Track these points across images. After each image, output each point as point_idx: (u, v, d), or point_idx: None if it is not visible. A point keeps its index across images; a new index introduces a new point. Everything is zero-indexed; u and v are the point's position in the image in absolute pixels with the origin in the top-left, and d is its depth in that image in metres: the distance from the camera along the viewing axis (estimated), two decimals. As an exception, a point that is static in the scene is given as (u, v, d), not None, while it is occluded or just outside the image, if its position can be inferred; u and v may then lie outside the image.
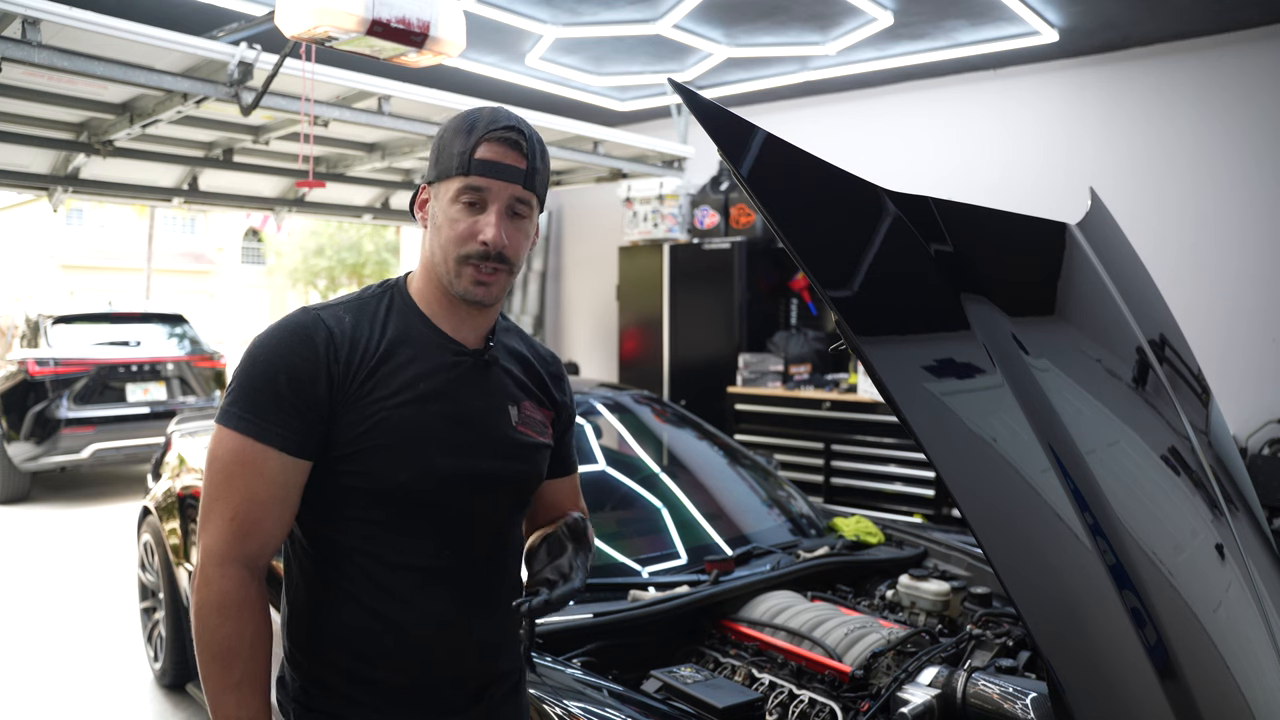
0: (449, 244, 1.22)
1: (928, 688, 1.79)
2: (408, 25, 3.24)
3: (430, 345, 1.27)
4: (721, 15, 4.93)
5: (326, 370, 1.18)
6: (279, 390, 1.17)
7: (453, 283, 1.24)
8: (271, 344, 1.20)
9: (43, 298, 19.53)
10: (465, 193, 1.21)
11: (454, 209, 1.22)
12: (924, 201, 1.42)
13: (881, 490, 5.20)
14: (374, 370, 1.21)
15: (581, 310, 8.02)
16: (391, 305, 1.29)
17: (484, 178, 1.21)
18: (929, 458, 1.16)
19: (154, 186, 6.24)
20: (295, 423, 1.17)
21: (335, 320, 1.23)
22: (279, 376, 1.17)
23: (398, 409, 1.21)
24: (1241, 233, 4.97)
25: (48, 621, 4.50)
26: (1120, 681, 1.21)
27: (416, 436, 1.21)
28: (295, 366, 1.17)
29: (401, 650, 1.24)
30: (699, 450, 3.38)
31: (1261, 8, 4.60)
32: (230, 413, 1.18)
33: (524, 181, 1.23)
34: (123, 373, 7.35)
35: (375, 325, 1.25)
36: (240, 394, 1.18)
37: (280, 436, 1.16)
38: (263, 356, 1.19)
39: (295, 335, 1.20)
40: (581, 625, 2.02)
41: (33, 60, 3.45)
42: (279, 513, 1.19)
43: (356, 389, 1.20)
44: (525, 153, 1.23)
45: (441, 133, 1.26)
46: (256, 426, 1.16)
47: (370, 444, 1.19)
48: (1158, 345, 1.77)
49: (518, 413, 1.32)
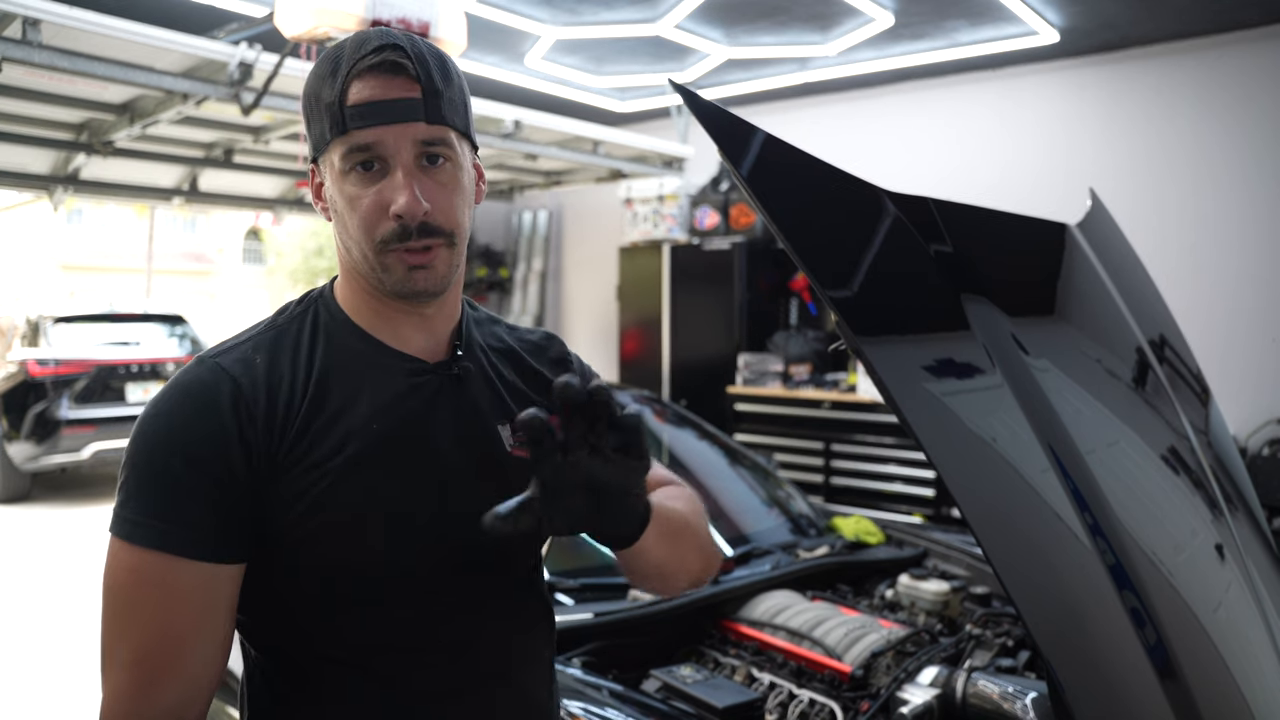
0: (358, 232, 0.91)
1: (928, 688, 1.80)
2: (408, 25, 3.25)
3: (375, 369, 0.95)
4: (721, 16, 4.93)
5: (240, 437, 0.87)
6: (177, 477, 0.86)
7: (382, 280, 0.92)
8: (162, 415, 0.88)
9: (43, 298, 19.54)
10: (351, 155, 0.89)
11: (347, 183, 0.90)
12: (924, 202, 1.42)
13: (881, 490, 5.20)
14: (307, 422, 0.90)
15: (581, 310, 8.02)
16: (316, 326, 0.97)
17: (367, 128, 0.87)
18: (929, 458, 1.16)
19: (154, 187, 6.25)
20: (208, 518, 0.86)
21: (242, 367, 0.91)
22: (173, 460, 0.86)
23: (348, 469, 0.89)
24: (1241, 233, 4.97)
25: (48, 621, 4.50)
26: (1120, 681, 1.21)
27: (380, 502, 0.90)
28: (194, 442, 0.86)
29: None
30: (699, 450, 3.38)
31: (1261, 8, 4.60)
32: (121, 518, 0.86)
33: (425, 115, 0.89)
34: (123, 373, 7.35)
35: (299, 360, 0.93)
36: (131, 490, 0.86)
37: (192, 541, 0.85)
38: (151, 434, 0.88)
39: (189, 400, 0.88)
40: (581, 625, 2.02)
41: (33, 60, 3.45)
42: (205, 644, 0.86)
43: (286, 453, 0.88)
44: (415, 74, 0.89)
45: (306, 88, 0.93)
46: (159, 534, 0.85)
47: (319, 523, 0.88)
48: (1158, 345, 1.77)
49: (513, 432, 0.98)
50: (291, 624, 0.94)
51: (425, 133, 0.89)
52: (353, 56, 0.89)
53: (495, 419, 1.00)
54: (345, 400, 0.92)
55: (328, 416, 0.91)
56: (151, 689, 0.85)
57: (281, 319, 0.99)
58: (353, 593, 0.91)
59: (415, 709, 0.94)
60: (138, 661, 0.85)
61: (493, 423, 1.00)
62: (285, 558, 0.90)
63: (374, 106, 0.87)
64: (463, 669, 0.96)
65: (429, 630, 0.94)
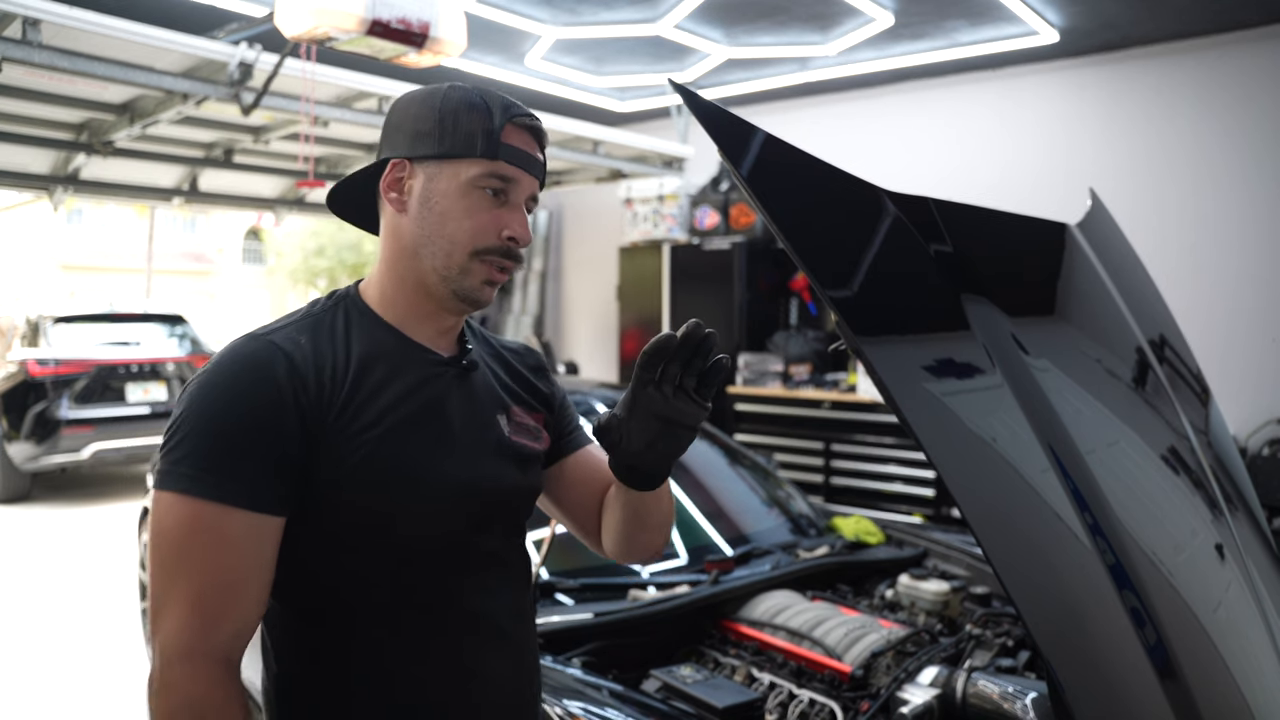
0: (460, 234, 1.05)
1: (928, 688, 1.80)
2: (408, 25, 3.25)
3: (404, 359, 1.08)
4: (721, 15, 4.93)
5: (295, 405, 0.98)
6: (237, 438, 0.96)
7: (452, 279, 1.06)
8: (220, 383, 0.99)
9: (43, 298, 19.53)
10: (490, 180, 1.05)
11: (472, 196, 1.05)
12: (924, 202, 1.42)
13: (881, 490, 5.20)
14: (350, 397, 1.02)
15: (581, 310, 8.02)
16: (349, 319, 1.09)
17: (514, 166, 1.06)
18: (929, 458, 1.16)
19: (154, 186, 6.25)
20: (261, 474, 0.96)
21: (292, 344, 1.02)
22: (235, 422, 0.96)
23: (385, 437, 1.02)
24: (1241, 233, 4.97)
25: (48, 621, 4.50)
26: (1120, 681, 1.21)
27: (410, 467, 1.03)
28: (254, 406, 0.97)
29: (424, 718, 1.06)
30: (699, 450, 3.38)
31: (1261, 8, 4.60)
32: (176, 474, 0.95)
33: (541, 177, 1.11)
34: (123, 373, 7.35)
35: (337, 345, 1.06)
36: (188, 449, 0.96)
37: (245, 494, 0.95)
38: (210, 398, 0.98)
39: (248, 369, 0.99)
40: (581, 625, 2.02)
41: (33, 60, 3.45)
42: (254, 587, 0.97)
43: (333, 422, 1.00)
44: (543, 145, 1.11)
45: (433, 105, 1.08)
46: (214, 486, 0.94)
47: (358, 484, 1.01)
48: (1158, 345, 1.77)
49: (508, 422, 1.16)
50: (323, 578, 1.04)
51: (535, 190, 1.11)
52: (509, 108, 1.08)
53: (494, 410, 1.15)
54: (380, 382, 1.05)
55: (366, 394, 1.04)
56: (211, 627, 0.94)
57: (316, 310, 1.11)
58: (379, 546, 1.03)
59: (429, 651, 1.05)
60: (197, 602, 0.94)
61: (493, 411, 1.15)
62: (324, 514, 1.01)
63: (523, 155, 1.07)
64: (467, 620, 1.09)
65: (442, 583, 1.07)
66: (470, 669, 1.08)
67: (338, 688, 1.05)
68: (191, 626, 0.94)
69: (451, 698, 1.07)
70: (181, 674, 0.93)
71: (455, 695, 1.07)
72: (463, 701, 1.08)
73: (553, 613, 2.07)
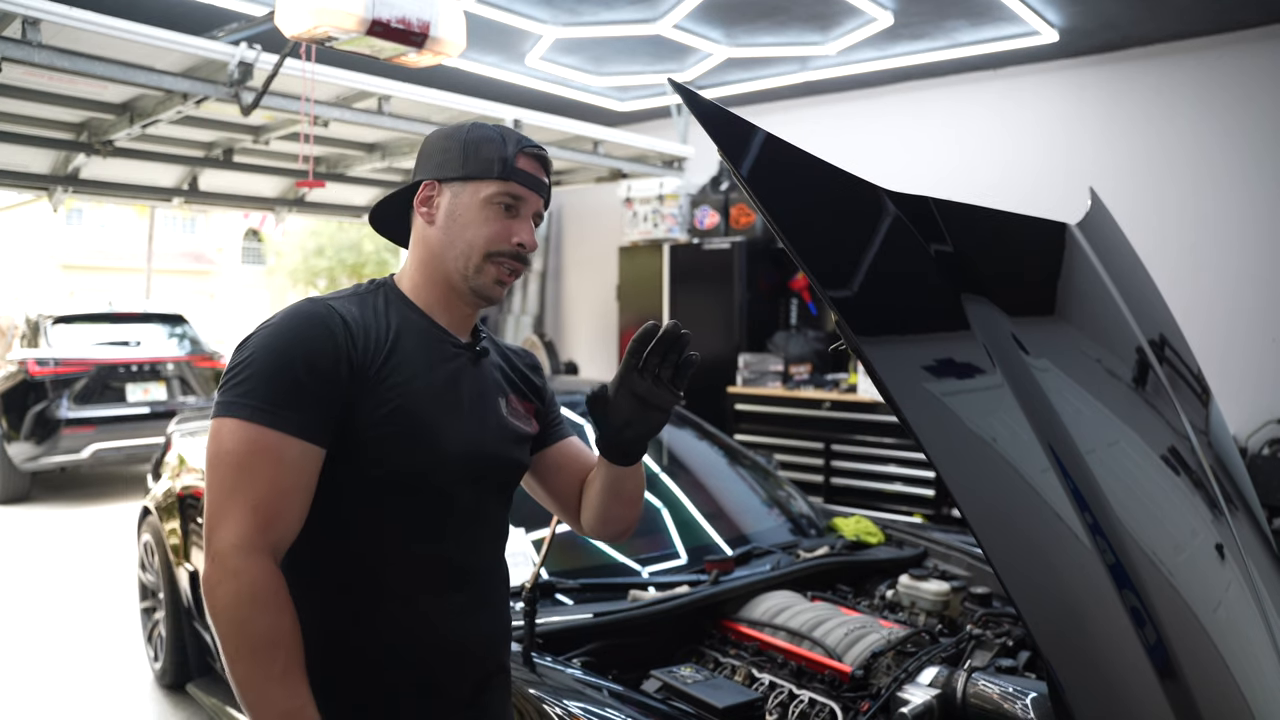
0: (478, 240, 1.28)
1: (928, 688, 1.80)
2: (408, 25, 3.24)
3: (430, 338, 1.30)
4: (721, 15, 4.93)
5: (347, 356, 1.19)
6: (297, 377, 1.15)
7: (470, 278, 1.29)
8: (286, 332, 1.19)
9: (43, 298, 19.53)
10: (503, 197, 1.28)
11: (489, 210, 1.28)
12: (924, 201, 1.42)
13: (881, 490, 5.20)
14: (388, 358, 1.23)
15: (581, 310, 8.02)
16: (388, 300, 1.31)
17: (523, 187, 1.30)
18: (929, 458, 1.16)
19: (154, 186, 6.25)
20: (313, 409, 1.16)
21: (344, 308, 1.24)
22: (296, 364, 1.16)
23: (410, 395, 1.23)
24: (1241, 233, 4.97)
25: (48, 621, 4.51)
26: (1120, 681, 1.21)
27: (430, 423, 1.23)
28: (314, 353, 1.17)
29: (412, 650, 1.24)
30: (699, 450, 3.38)
31: (1261, 8, 4.60)
32: (240, 404, 1.15)
33: (547, 197, 1.34)
34: (123, 373, 7.35)
35: (379, 317, 1.27)
36: (253, 383, 1.15)
37: (299, 423, 1.15)
38: (277, 344, 1.18)
39: (311, 322, 1.20)
40: (581, 625, 2.02)
41: (33, 60, 3.45)
42: (299, 503, 1.16)
43: (374, 374, 1.21)
44: (549, 172, 1.35)
45: (458, 137, 1.31)
46: (272, 415, 1.14)
47: (387, 430, 1.20)
48: (1158, 345, 1.77)
49: (506, 405, 1.37)
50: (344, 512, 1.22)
51: (540, 207, 1.34)
52: (520, 140, 1.31)
53: (496, 392, 1.37)
54: (411, 351, 1.27)
55: (399, 359, 1.25)
56: (267, 527, 1.13)
57: (361, 290, 1.33)
58: (395, 489, 1.23)
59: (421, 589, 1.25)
60: (256, 508, 1.12)
61: (495, 394, 1.37)
62: (355, 451, 1.20)
63: (531, 177, 1.31)
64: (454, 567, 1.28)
65: (440, 527, 1.27)
66: (452, 612, 1.27)
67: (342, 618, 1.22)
68: (254, 525, 1.11)
69: (438, 636, 1.25)
70: (246, 563, 1.10)
71: (441, 634, 1.26)
72: (446, 640, 1.26)
73: (553, 613, 2.07)
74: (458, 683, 1.28)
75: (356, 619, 1.23)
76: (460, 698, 1.29)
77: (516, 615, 1.80)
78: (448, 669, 1.27)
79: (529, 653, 1.81)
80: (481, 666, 1.32)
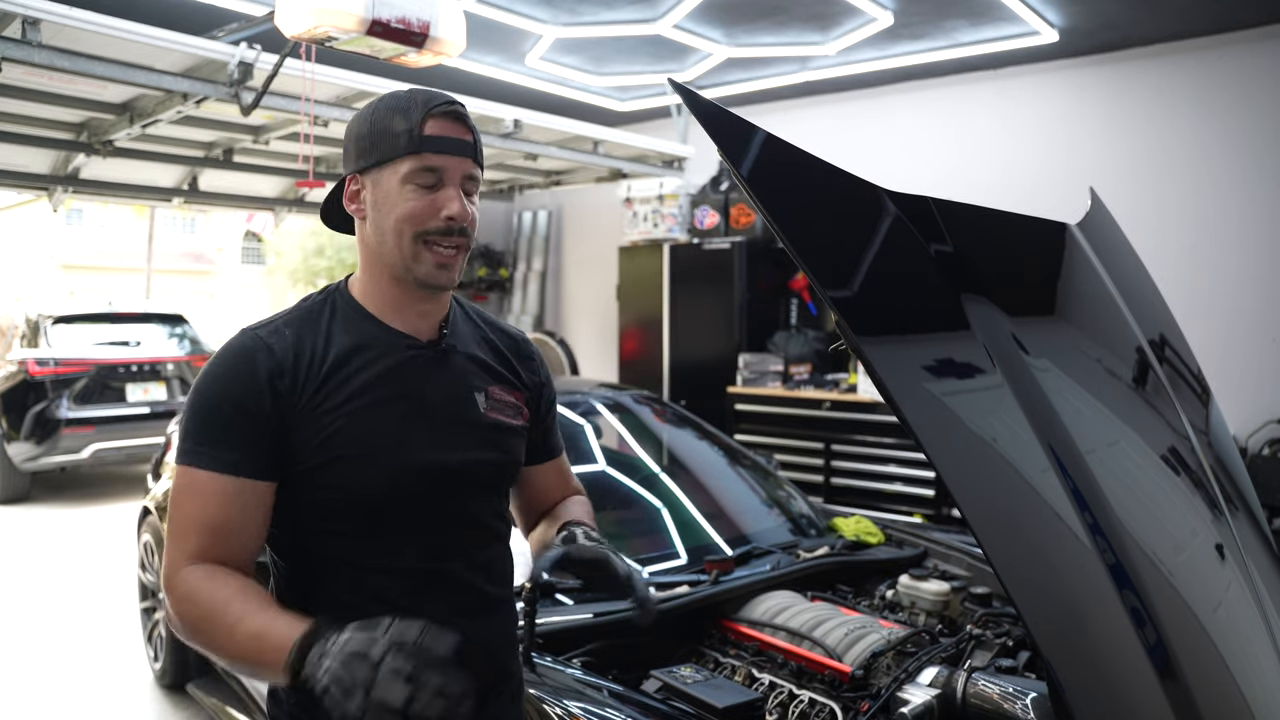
0: (403, 224, 1.17)
1: (928, 688, 1.79)
2: (408, 25, 3.24)
3: (381, 345, 1.22)
4: (721, 15, 4.93)
5: (270, 389, 1.15)
6: (226, 417, 1.14)
7: (410, 268, 1.19)
8: (213, 373, 1.18)
9: (43, 298, 19.52)
10: (419, 174, 1.17)
11: (406, 190, 1.17)
12: (924, 201, 1.42)
13: (881, 490, 5.20)
14: (324, 380, 1.18)
15: (581, 310, 8.02)
16: (335, 312, 1.24)
17: (438, 155, 1.17)
18: (929, 458, 1.16)
19: (154, 186, 6.24)
20: (247, 447, 1.14)
21: (275, 336, 1.19)
22: (223, 404, 1.15)
23: (356, 415, 1.17)
24: (1241, 233, 4.97)
25: (48, 621, 4.51)
26: (1120, 681, 1.21)
27: (379, 440, 1.18)
28: (238, 392, 1.15)
29: None
30: (699, 450, 3.38)
31: (1261, 8, 4.60)
32: (183, 449, 1.16)
33: (474, 156, 1.21)
34: (123, 373, 7.35)
35: (319, 334, 1.21)
36: (190, 428, 1.16)
37: (231, 462, 1.13)
38: (206, 388, 1.17)
39: (235, 360, 1.17)
40: (581, 625, 2.02)
41: (33, 60, 3.45)
42: (242, 536, 1.15)
43: (307, 402, 1.16)
44: (469, 126, 1.21)
45: (367, 118, 1.21)
46: (207, 456, 1.13)
47: (333, 454, 1.16)
48: (1158, 345, 1.77)
49: (485, 399, 1.28)
50: (311, 534, 1.20)
51: (470, 168, 1.20)
52: (428, 101, 1.19)
53: (470, 389, 1.28)
54: (357, 367, 1.20)
55: (341, 378, 1.18)
56: (205, 550, 1.13)
57: (307, 303, 1.27)
58: (357, 510, 1.19)
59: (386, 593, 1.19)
60: (196, 533, 1.13)
61: (470, 390, 1.28)
62: (307, 478, 1.17)
63: (446, 140, 1.18)
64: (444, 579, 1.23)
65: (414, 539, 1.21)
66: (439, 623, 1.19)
67: None
68: (189, 550, 1.12)
69: None
70: (178, 578, 1.11)
71: None
72: None
73: (553, 613, 2.07)
74: None
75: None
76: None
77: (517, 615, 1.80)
78: None
79: (529, 653, 1.81)
80: (482, 677, 1.22)
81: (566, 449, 1.52)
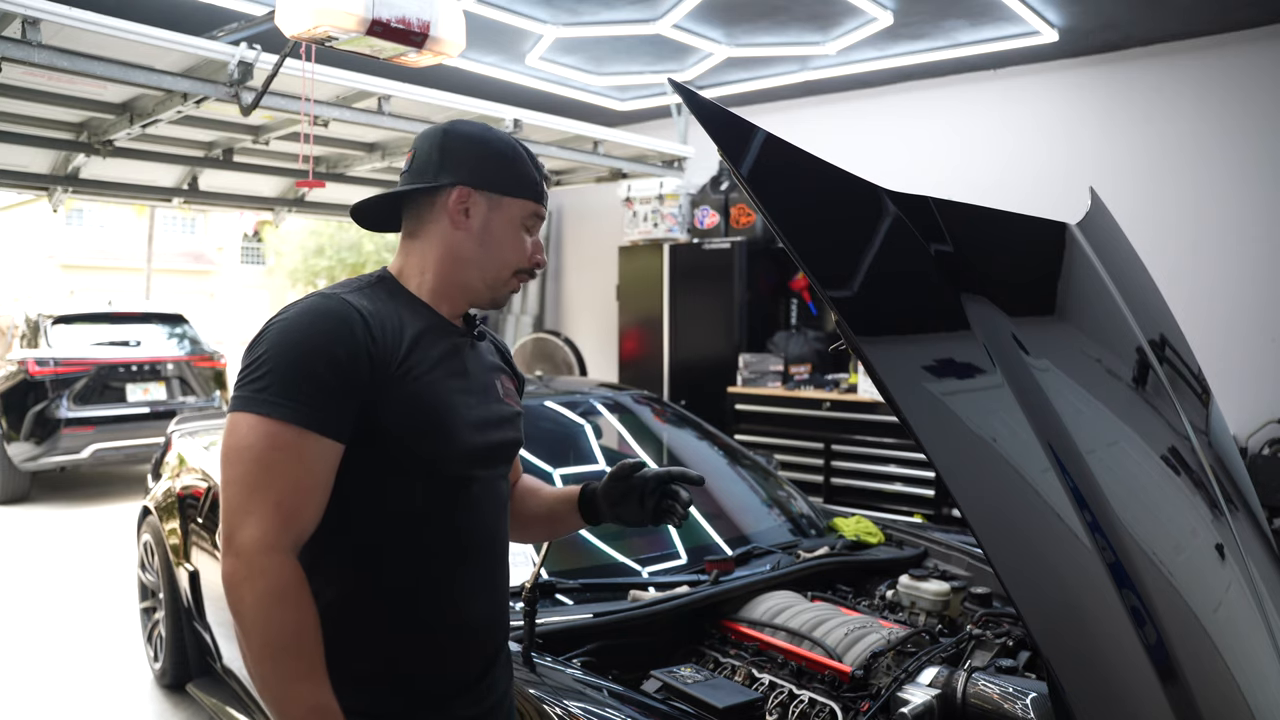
0: (509, 258, 1.35)
1: (928, 688, 1.79)
2: (408, 25, 3.24)
3: (437, 328, 1.33)
4: (721, 15, 4.93)
5: (367, 352, 1.19)
6: (318, 374, 1.15)
7: (494, 289, 1.36)
8: (307, 327, 1.19)
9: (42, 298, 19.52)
10: (531, 219, 1.36)
11: (519, 229, 1.35)
12: (924, 201, 1.42)
13: (881, 490, 5.20)
14: (408, 353, 1.25)
15: (581, 310, 8.02)
16: (393, 294, 1.32)
17: (544, 208, 1.38)
18: (929, 458, 1.16)
19: (154, 186, 6.24)
20: (334, 407, 1.16)
21: (361, 304, 1.24)
22: (317, 360, 1.16)
23: (432, 386, 1.26)
24: (1241, 232, 4.97)
25: (48, 621, 4.50)
26: (1120, 681, 1.21)
27: (448, 412, 1.27)
28: (336, 350, 1.17)
29: (423, 628, 1.26)
30: (699, 450, 3.38)
31: (1261, 8, 4.60)
32: (261, 400, 1.14)
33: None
34: (123, 373, 7.35)
35: (390, 311, 1.28)
36: (274, 379, 1.15)
37: (320, 420, 1.15)
38: (298, 340, 1.17)
39: (331, 319, 1.19)
40: (581, 625, 2.02)
41: (33, 60, 3.45)
42: (319, 500, 1.17)
43: (395, 369, 1.22)
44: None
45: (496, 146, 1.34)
46: (294, 411, 1.14)
47: (411, 422, 1.23)
48: (1158, 345, 1.77)
49: (500, 385, 1.42)
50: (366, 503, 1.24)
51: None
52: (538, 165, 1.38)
53: (493, 375, 1.43)
54: (428, 344, 1.29)
55: (421, 352, 1.28)
56: (289, 524, 1.13)
57: (363, 284, 1.32)
58: (418, 478, 1.26)
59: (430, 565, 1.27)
60: (279, 505, 1.13)
61: (492, 376, 1.42)
62: (375, 447, 1.22)
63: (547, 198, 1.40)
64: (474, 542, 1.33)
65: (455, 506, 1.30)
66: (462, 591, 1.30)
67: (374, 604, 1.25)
68: (277, 523, 1.12)
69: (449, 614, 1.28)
70: (269, 561, 1.11)
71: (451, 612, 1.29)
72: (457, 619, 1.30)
73: (553, 613, 2.07)
74: (466, 661, 1.31)
75: (369, 599, 1.24)
76: (469, 676, 1.31)
77: (516, 616, 1.80)
78: (457, 648, 1.30)
79: (529, 653, 1.81)
80: (487, 646, 1.35)
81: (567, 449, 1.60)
